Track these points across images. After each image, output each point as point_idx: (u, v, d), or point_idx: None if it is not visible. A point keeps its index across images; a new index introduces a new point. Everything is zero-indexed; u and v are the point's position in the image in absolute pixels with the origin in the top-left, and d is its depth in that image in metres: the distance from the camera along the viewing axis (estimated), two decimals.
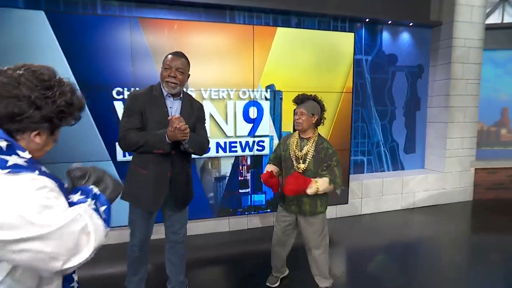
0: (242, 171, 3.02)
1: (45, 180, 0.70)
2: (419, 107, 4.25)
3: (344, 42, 3.17)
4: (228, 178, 2.98)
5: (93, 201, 0.81)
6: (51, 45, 2.38)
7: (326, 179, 1.83)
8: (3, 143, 0.68)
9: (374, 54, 3.91)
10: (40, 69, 0.75)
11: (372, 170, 4.10)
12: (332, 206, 3.49)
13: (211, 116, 2.83)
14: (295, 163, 1.93)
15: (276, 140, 3.06)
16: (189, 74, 1.80)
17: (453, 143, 4.07)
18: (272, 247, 2.17)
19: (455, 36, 3.89)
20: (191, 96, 1.90)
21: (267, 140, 3.04)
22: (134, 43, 2.58)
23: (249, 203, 3.08)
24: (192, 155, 1.88)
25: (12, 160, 0.68)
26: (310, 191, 1.78)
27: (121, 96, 2.58)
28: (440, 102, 4.09)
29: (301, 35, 3.03)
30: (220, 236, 3.10)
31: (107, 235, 0.81)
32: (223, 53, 2.81)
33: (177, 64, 1.69)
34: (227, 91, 2.86)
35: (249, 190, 3.06)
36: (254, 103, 2.95)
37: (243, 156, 3.00)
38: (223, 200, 3.00)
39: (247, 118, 2.95)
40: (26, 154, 0.72)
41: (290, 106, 2.02)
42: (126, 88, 2.58)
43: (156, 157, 1.69)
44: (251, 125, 2.97)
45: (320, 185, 1.80)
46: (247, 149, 2.99)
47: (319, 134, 1.97)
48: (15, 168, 0.67)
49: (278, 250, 2.14)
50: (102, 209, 0.83)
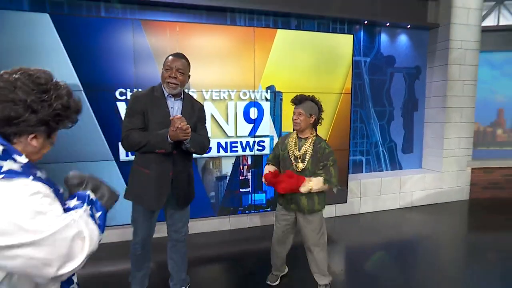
0: (242, 171, 3.06)
1: (39, 186, 0.70)
2: (416, 108, 4.29)
3: (343, 44, 3.21)
4: (229, 177, 3.02)
5: (89, 206, 0.80)
6: (56, 47, 2.42)
7: (320, 179, 1.87)
8: None
9: (373, 55, 3.96)
10: (37, 72, 0.74)
11: (370, 170, 4.14)
12: (331, 205, 3.53)
13: (212, 116, 2.86)
14: (293, 162, 1.96)
15: (276, 140, 3.09)
16: (189, 75, 1.82)
17: (450, 143, 4.12)
18: (272, 246, 2.19)
19: (452, 38, 3.94)
20: (192, 97, 1.93)
21: (267, 140, 3.09)
22: (137, 45, 2.61)
23: (249, 202, 3.12)
24: (194, 155, 1.90)
25: (7, 165, 0.68)
26: (304, 189, 1.83)
27: (123, 97, 2.62)
28: (437, 103, 4.14)
29: (301, 37, 3.08)
30: (221, 235, 3.13)
31: (101, 240, 0.81)
32: (224, 54, 2.85)
33: (177, 65, 1.72)
34: (228, 92, 2.90)
35: (249, 189, 3.10)
36: (254, 103, 2.99)
37: (244, 156, 3.04)
38: (224, 199, 3.04)
39: (247, 119, 2.99)
40: (23, 159, 0.72)
41: (290, 106, 2.05)
42: (128, 89, 2.62)
43: (158, 156, 1.72)
44: (251, 125, 3.01)
45: (314, 184, 1.84)
46: (247, 149, 3.03)
47: (317, 134, 2.00)
48: (9, 174, 0.67)
49: (278, 249, 2.17)
50: (98, 215, 0.82)
